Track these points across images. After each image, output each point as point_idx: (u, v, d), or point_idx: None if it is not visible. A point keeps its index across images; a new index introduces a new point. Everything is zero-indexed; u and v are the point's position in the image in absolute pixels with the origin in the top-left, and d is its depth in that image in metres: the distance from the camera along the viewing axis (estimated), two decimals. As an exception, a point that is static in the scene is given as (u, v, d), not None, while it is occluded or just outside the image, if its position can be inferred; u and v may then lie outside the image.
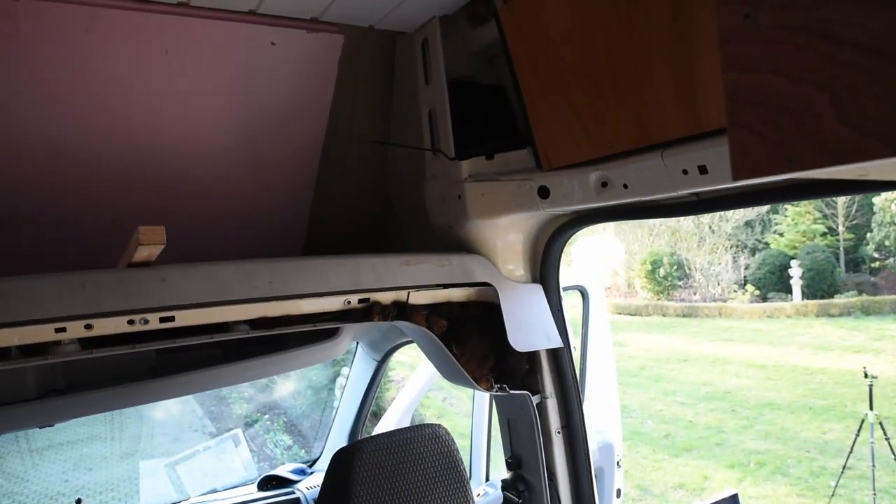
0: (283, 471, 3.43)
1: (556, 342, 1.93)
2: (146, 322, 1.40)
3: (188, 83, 1.90)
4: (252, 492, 3.36)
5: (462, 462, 1.76)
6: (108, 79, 1.79)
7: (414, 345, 3.13)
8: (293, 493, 3.27)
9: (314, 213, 2.34)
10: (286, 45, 1.92)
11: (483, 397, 3.44)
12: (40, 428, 2.06)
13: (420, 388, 3.61)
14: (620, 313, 18.27)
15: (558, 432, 2.05)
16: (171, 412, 8.13)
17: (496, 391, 1.93)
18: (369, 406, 3.25)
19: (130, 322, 1.39)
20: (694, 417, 10.50)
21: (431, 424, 1.75)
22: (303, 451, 7.70)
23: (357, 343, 3.07)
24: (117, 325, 1.39)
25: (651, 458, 9.01)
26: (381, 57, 2.11)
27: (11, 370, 1.89)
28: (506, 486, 2.12)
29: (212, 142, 2.03)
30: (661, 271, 19.06)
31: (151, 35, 1.76)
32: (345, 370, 7.52)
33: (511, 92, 1.98)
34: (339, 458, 1.63)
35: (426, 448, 1.70)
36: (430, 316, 1.81)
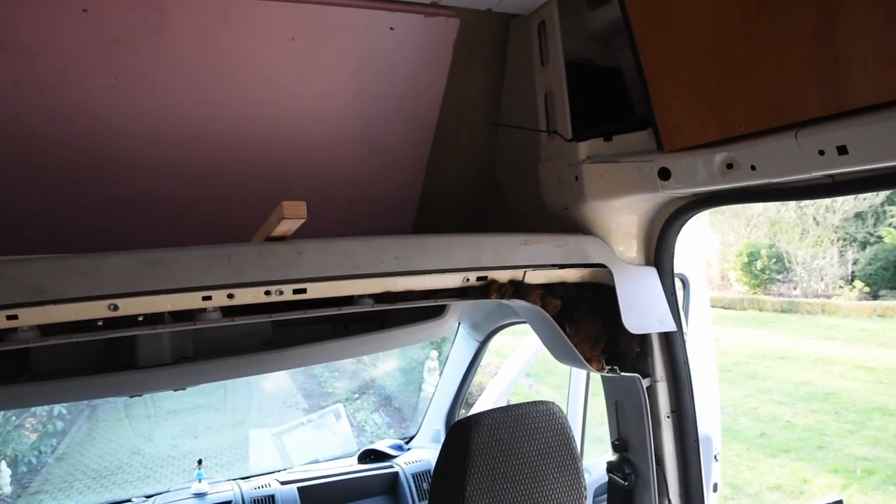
0: (382, 445, 3.56)
1: (670, 325, 1.92)
2: (281, 293, 1.50)
3: (311, 69, 2.00)
4: (352, 464, 3.52)
5: (574, 440, 1.79)
6: (240, 67, 1.92)
7: (503, 333, 3.18)
8: (392, 467, 3.39)
9: (424, 195, 2.41)
10: (404, 30, 1.99)
11: (579, 381, 3.44)
12: (174, 391, 2.23)
13: (516, 373, 3.65)
14: (714, 306, 17.43)
15: (668, 416, 2.03)
16: (271, 388, 8.57)
17: (607, 372, 1.94)
18: (468, 386, 3.33)
19: (267, 293, 1.49)
20: (792, 418, 9.99)
21: (545, 402, 1.78)
22: (391, 430, 7.94)
23: (459, 324, 3.13)
24: (255, 296, 1.49)
25: (745, 456, 8.66)
26: (494, 40, 2.15)
27: (152, 338, 2.07)
28: (611, 468, 2.12)
29: (330, 125, 2.13)
30: (759, 264, 18.14)
31: (279, 23, 1.87)
32: (433, 353, 7.69)
33: (629, 73, 1.97)
34: (458, 430, 1.69)
35: (540, 424, 1.74)
36: (545, 296, 1.84)
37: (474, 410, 3.60)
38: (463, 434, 1.66)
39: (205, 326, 1.51)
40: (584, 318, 1.91)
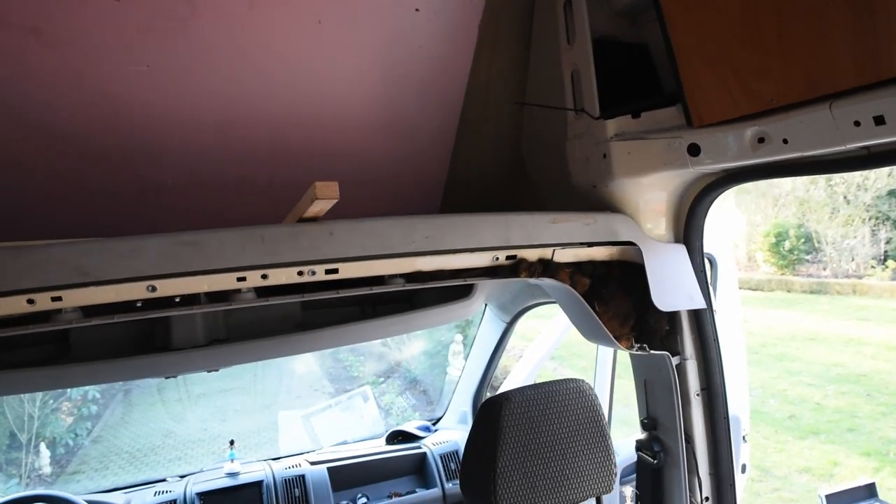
0: (410, 427, 3.60)
1: (700, 303, 1.91)
2: (314, 273, 1.52)
3: (338, 52, 2.01)
4: (381, 445, 3.56)
5: (604, 417, 1.80)
6: (267, 51, 1.93)
7: (528, 315, 3.18)
8: (420, 447, 3.43)
9: (451, 175, 2.42)
10: (429, 11, 1.99)
11: (606, 360, 3.44)
12: (207, 372, 2.28)
13: (541, 356, 3.66)
14: (741, 288, 17.17)
15: (697, 395, 2.03)
16: (298, 372, 8.70)
17: (636, 351, 1.94)
18: (495, 368, 3.34)
19: (300, 273, 1.51)
20: (822, 400, 9.86)
21: (575, 379, 1.79)
22: (416, 413, 8.01)
23: (486, 305, 3.15)
24: (288, 276, 1.52)
25: (773, 438, 8.59)
26: (519, 19, 2.14)
27: (186, 320, 2.12)
28: (640, 446, 2.13)
29: (357, 107, 2.14)
30: (787, 244, 17.84)
31: (305, 7, 1.88)
32: (457, 336, 7.72)
33: (656, 49, 1.95)
34: (489, 407, 1.71)
35: (571, 401, 1.75)
36: (574, 274, 1.84)
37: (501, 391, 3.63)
38: (494, 410, 1.67)
39: (239, 307, 1.54)
40: (614, 296, 1.91)
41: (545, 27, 2.06)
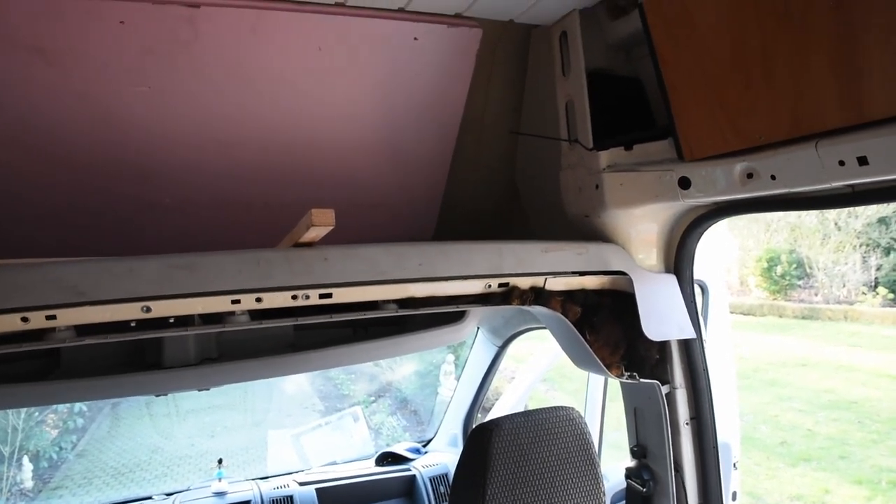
0: (400, 448, 3.59)
1: (689, 333, 1.93)
2: (307, 297, 1.54)
3: (337, 78, 2.04)
4: (370, 466, 3.55)
5: (594, 446, 1.81)
6: (268, 76, 1.96)
7: (522, 337, 3.19)
8: (409, 470, 3.42)
9: (445, 202, 2.44)
10: (427, 40, 2.02)
11: (596, 387, 3.44)
12: (199, 391, 2.28)
13: (533, 378, 3.67)
14: (733, 312, 17.08)
15: (687, 423, 2.04)
16: (288, 390, 8.66)
17: (626, 379, 1.96)
18: (486, 390, 3.35)
19: (294, 297, 1.53)
20: (813, 426, 9.87)
21: (565, 407, 1.80)
22: (406, 433, 7.98)
23: (478, 328, 3.16)
24: (283, 300, 1.53)
25: (764, 465, 8.58)
26: (516, 49, 2.18)
27: (178, 339, 2.12)
28: (630, 474, 2.14)
29: (354, 133, 2.17)
30: (779, 269, 17.93)
31: (306, 34, 1.91)
32: (449, 357, 7.71)
33: (649, 83, 1.99)
34: (479, 434, 1.72)
35: (560, 429, 1.76)
36: (566, 302, 1.86)
37: (492, 415, 3.63)
38: (484, 438, 1.68)
39: (233, 329, 1.55)
40: (604, 325, 1.93)
41: (540, 58, 2.10)
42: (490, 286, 1.74)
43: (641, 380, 1.96)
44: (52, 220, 2.05)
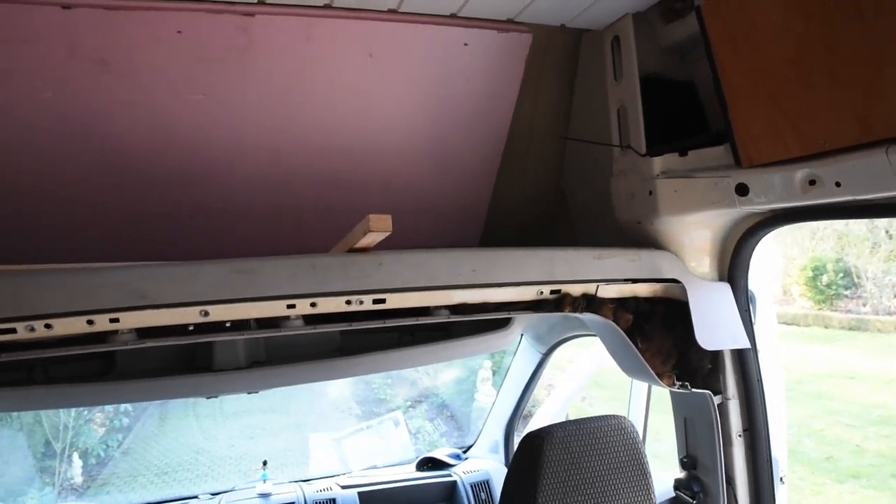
0: (440, 454, 3.58)
1: (744, 343, 1.89)
2: (361, 303, 1.55)
3: (387, 84, 2.05)
4: (411, 471, 3.55)
5: (645, 455, 1.78)
6: (319, 83, 1.99)
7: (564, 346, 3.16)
8: (450, 475, 3.41)
9: (492, 207, 2.44)
10: (478, 46, 2.03)
11: (639, 397, 3.39)
12: (248, 394, 2.32)
13: (575, 386, 3.62)
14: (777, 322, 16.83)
15: (739, 435, 2.00)
16: (327, 394, 8.74)
17: (678, 388, 1.92)
18: (528, 398, 3.32)
19: (348, 302, 1.54)
20: (862, 442, 9.51)
21: (617, 416, 1.78)
22: (442, 438, 7.97)
23: (521, 335, 3.14)
24: (336, 305, 1.55)
25: (809, 480, 8.30)
26: (565, 54, 2.16)
27: (229, 342, 2.16)
28: (679, 485, 2.10)
29: (403, 139, 2.19)
30: (825, 279, 17.42)
31: (358, 41, 1.93)
32: (486, 363, 7.68)
33: (704, 87, 1.96)
34: (531, 441, 1.70)
35: (612, 438, 1.73)
36: (617, 310, 1.84)
37: (532, 423, 3.60)
38: (535, 445, 1.67)
39: (288, 334, 1.57)
40: (656, 333, 1.90)
41: (591, 63, 2.08)
42: (542, 293, 1.73)
43: (693, 390, 1.92)
44: (110, 225, 2.11)
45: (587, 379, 3.72)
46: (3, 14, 1.66)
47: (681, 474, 2.10)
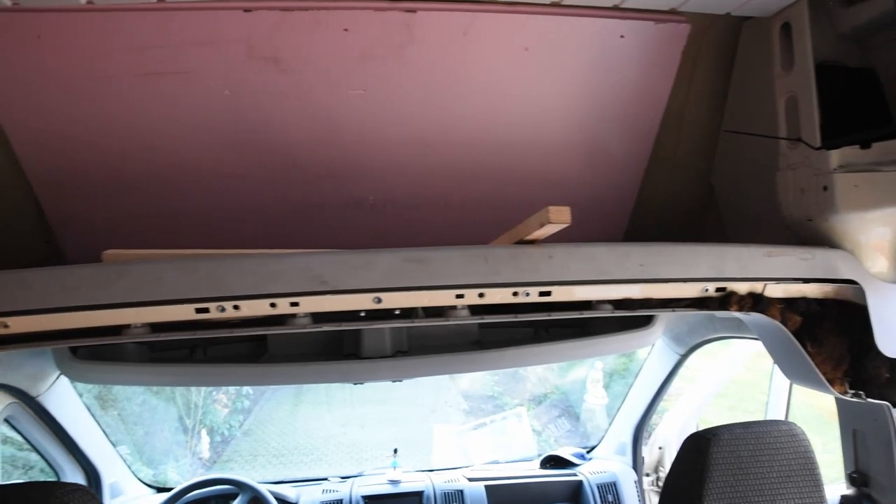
0: (565, 452, 3.55)
1: (931, 351, 1.74)
2: (528, 295, 1.55)
3: (541, 78, 2.05)
4: (534, 468, 3.54)
5: (818, 466, 1.68)
6: (474, 77, 2.01)
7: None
8: (576, 475, 3.37)
9: (638, 203, 2.38)
10: (634, 37, 1.98)
11: (778, 404, 3.21)
12: (392, 382, 2.39)
13: (706, 395, 3.48)
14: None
15: (920, 452, 1.84)
16: (442, 387, 8.86)
17: (850, 397, 1.80)
18: (660, 400, 3.22)
19: (514, 294, 1.55)
20: None
21: (787, 421, 1.69)
22: (550, 439, 7.88)
23: (656, 335, 3.05)
24: (503, 296, 1.56)
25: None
26: (722, 44, 2.08)
27: (376, 331, 2.23)
28: (846, 502, 1.96)
29: (554, 132, 2.17)
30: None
31: (515, 34, 1.94)
32: (598, 364, 7.51)
33: (886, 75, 1.82)
34: (695, 443, 1.65)
35: (782, 444, 1.65)
36: (785, 311, 1.74)
37: (659, 429, 3.49)
38: (702, 447, 1.62)
39: (455, 323, 1.60)
40: (829, 338, 1.78)
41: (754, 52, 1.99)
42: (707, 290, 1.67)
43: (869, 399, 1.79)
44: (271, 216, 2.24)
45: (718, 387, 3.56)
46: (190, 20, 1.81)
47: (848, 490, 1.96)
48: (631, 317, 2.41)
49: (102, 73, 1.84)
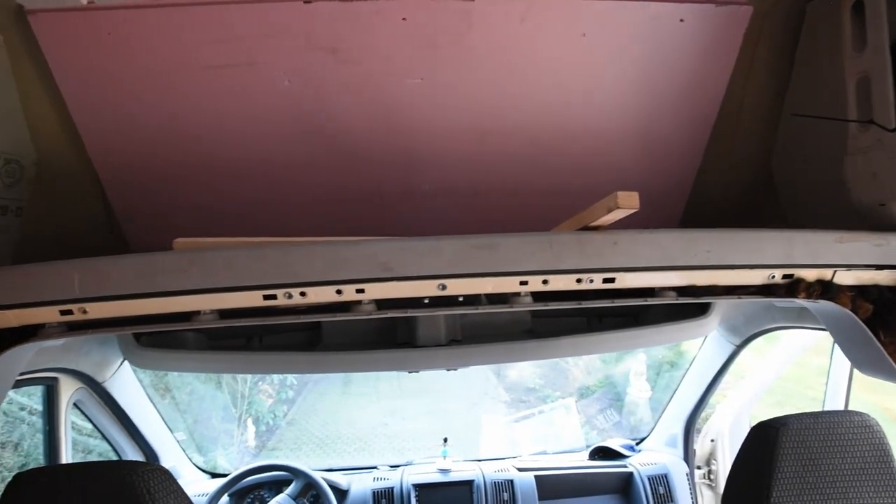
0: (614, 444, 3.52)
1: None
2: (591, 281, 1.54)
3: (598, 64, 2.03)
4: (583, 459, 3.52)
5: (895, 459, 1.63)
6: (531, 64, 2.00)
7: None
8: (626, 466, 3.34)
9: (694, 190, 2.34)
10: (693, 21, 1.94)
11: (835, 398, 3.12)
12: (447, 371, 2.40)
13: (757, 390, 3.41)
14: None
15: None
16: (477, 379, 8.87)
17: (924, 389, 1.74)
18: (713, 391, 3.17)
19: (578, 280, 1.54)
20: None
21: (860, 412, 1.64)
22: (592, 431, 7.82)
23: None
24: (566, 283, 1.55)
25: None
26: (785, 26, 2.02)
27: (431, 319, 2.24)
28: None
29: (609, 119, 2.15)
30: None
31: (572, 20, 1.92)
32: (641, 356, 7.40)
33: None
34: (762, 431, 1.62)
35: (855, 436, 1.61)
36: (856, 298, 1.69)
37: (712, 421, 3.44)
38: (770, 436, 1.59)
39: (518, 310, 1.60)
40: (902, 327, 1.73)
41: (821, 33, 1.93)
42: (773, 277, 1.63)
43: (943, 391, 1.73)
44: (327, 204, 2.27)
45: (771, 381, 3.48)
46: (251, 13, 1.84)
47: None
48: (686, 306, 2.38)
49: (168, 67, 1.89)
